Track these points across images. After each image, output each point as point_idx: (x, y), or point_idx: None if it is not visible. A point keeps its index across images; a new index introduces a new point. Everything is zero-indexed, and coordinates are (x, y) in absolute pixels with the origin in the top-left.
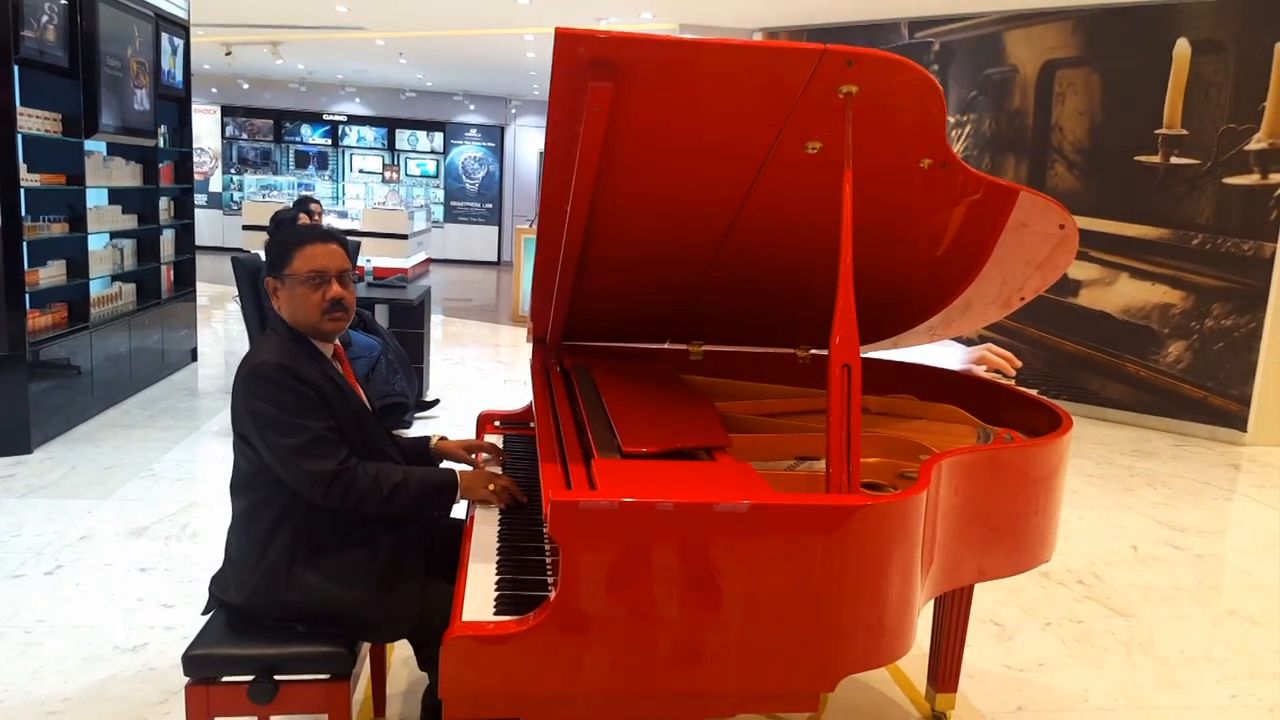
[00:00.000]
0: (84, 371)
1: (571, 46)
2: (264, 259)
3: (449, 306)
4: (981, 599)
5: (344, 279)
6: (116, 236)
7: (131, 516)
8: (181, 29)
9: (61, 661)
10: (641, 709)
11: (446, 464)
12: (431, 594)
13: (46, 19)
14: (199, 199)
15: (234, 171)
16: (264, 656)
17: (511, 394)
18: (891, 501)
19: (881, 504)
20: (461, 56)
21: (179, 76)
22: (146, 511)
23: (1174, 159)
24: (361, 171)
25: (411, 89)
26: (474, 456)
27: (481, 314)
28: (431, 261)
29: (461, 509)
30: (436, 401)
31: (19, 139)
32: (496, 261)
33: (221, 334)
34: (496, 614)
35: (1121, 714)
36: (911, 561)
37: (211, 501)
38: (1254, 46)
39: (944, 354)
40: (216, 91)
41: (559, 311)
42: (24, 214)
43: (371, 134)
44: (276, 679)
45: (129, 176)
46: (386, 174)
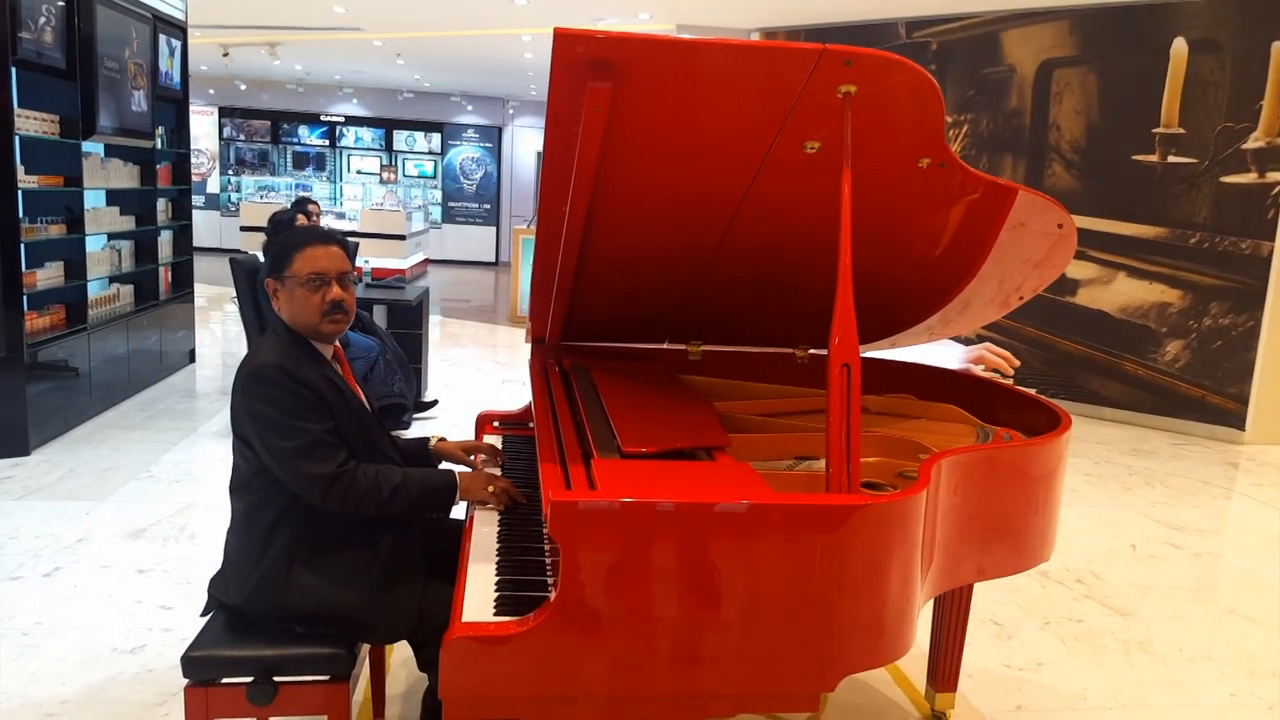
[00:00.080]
0: (82, 373)
1: (571, 46)
2: (262, 260)
3: (447, 307)
4: (981, 598)
5: (344, 281)
6: (114, 238)
7: (130, 518)
8: (179, 30)
9: (59, 663)
10: (642, 709)
11: (445, 465)
12: (431, 595)
13: (44, 20)
14: (197, 200)
15: (232, 173)
16: (263, 658)
17: (510, 394)
18: (891, 501)
19: (881, 503)
20: (459, 57)
21: (176, 78)
22: (145, 513)
23: (1171, 158)
24: (359, 172)
25: (409, 90)
26: (473, 457)
27: (479, 314)
28: (429, 262)
29: (461, 509)
30: (435, 402)
31: (16, 140)
32: (494, 262)
33: (219, 335)
34: (496, 615)
35: (1120, 713)
36: (911, 561)
37: (210, 503)
38: (1251, 46)
39: (942, 353)
40: (214, 93)
41: (558, 312)
42: (21, 215)
43: (369, 135)
44: (276, 680)
45: (127, 178)
46: (384, 175)
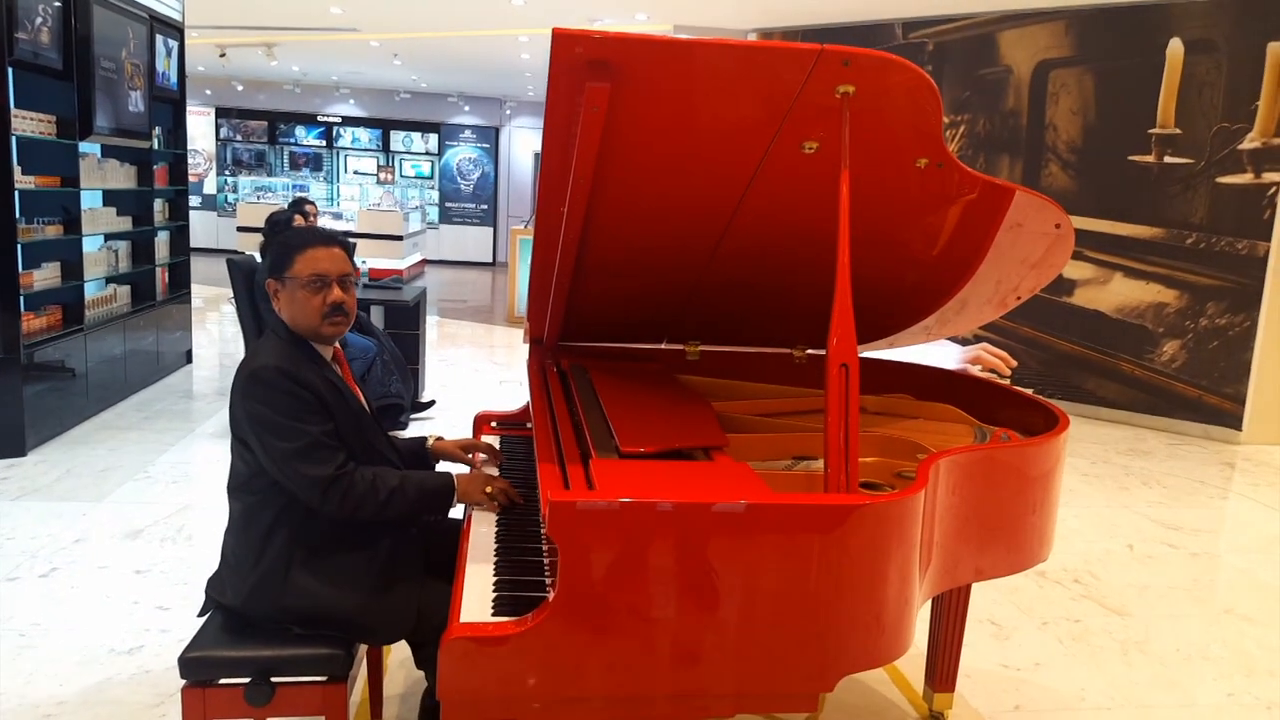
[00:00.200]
0: (79, 374)
1: (569, 47)
2: (259, 261)
3: (444, 308)
4: (979, 599)
5: (345, 283)
6: (111, 238)
7: (127, 519)
8: (176, 31)
9: (57, 664)
10: (640, 710)
11: (443, 464)
12: (429, 593)
13: (41, 21)
14: (194, 201)
15: (229, 173)
16: (260, 659)
17: (507, 395)
18: (889, 501)
19: (879, 503)
20: (456, 58)
21: (173, 78)
22: (142, 514)
23: (1168, 158)
24: (356, 173)
25: (406, 90)
26: (471, 456)
27: (477, 315)
28: (426, 263)
29: (459, 508)
30: (432, 403)
31: (13, 141)
32: (491, 262)
33: (216, 336)
34: (494, 615)
35: (1118, 712)
36: (909, 561)
37: (207, 503)
38: (1247, 46)
39: (940, 354)
40: (211, 93)
41: (556, 312)
42: (18, 216)
43: (366, 135)
44: (273, 681)
45: (123, 178)
46: (381, 175)
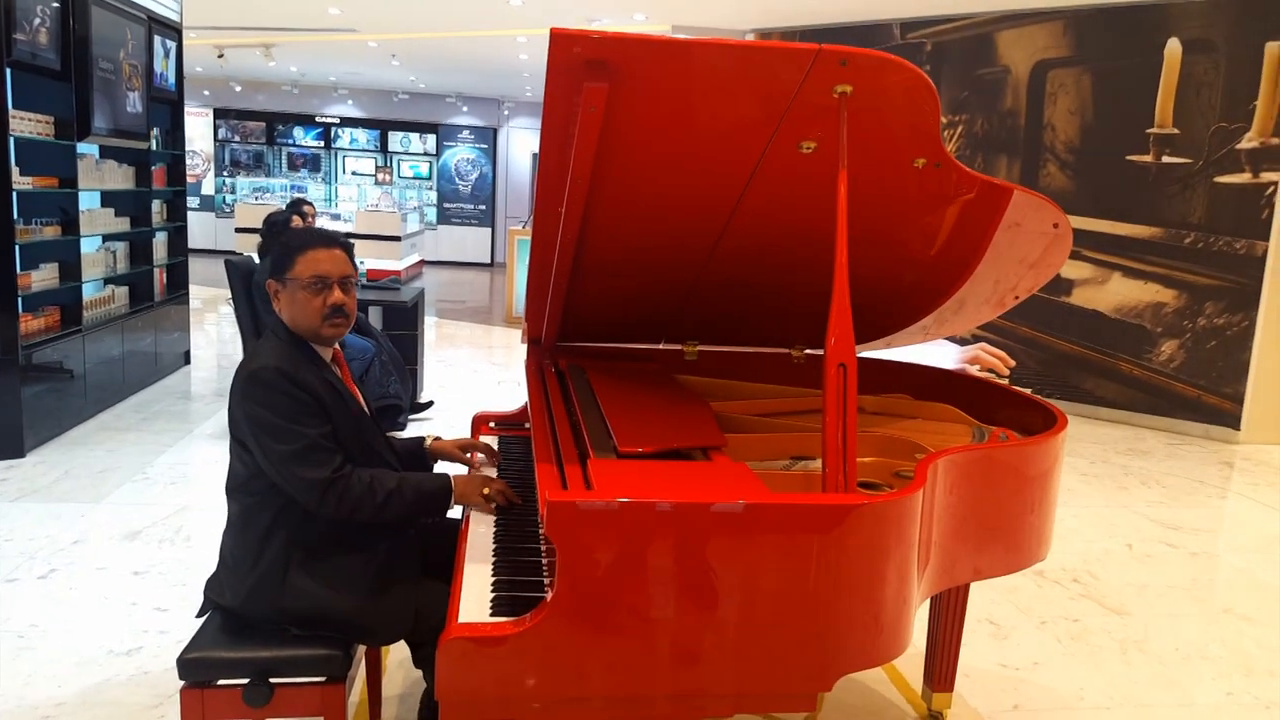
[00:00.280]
0: (77, 375)
1: (567, 47)
2: (257, 261)
3: (442, 308)
4: (977, 598)
5: (346, 285)
6: (109, 239)
7: (125, 520)
8: (174, 31)
9: (55, 666)
10: (639, 710)
11: (441, 464)
12: (427, 594)
13: (39, 21)
14: (192, 202)
15: (227, 174)
16: (259, 659)
17: (506, 395)
18: (887, 501)
19: (877, 503)
20: (454, 58)
21: (171, 79)
22: (140, 515)
23: (1166, 158)
24: (354, 173)
25: (404, 91)
26: (469, 456)
27: (475, 315)
28: (425, 263)
29: (458, 509)
30: (431, 403)
31: (11, 142)
32: (490, 263)
33: (214, 337)
34: (493, 615)
35: (1117, 712)
36: (908, 560)
37: (205, 505)
38: (1244, 46)
39: (938, 354)
40: (209, 94)
41: (554, 313)
42: (16, 217)
43: (364, 136)
44: (272, 682)
45: (121, 179)
46: (379, 176)
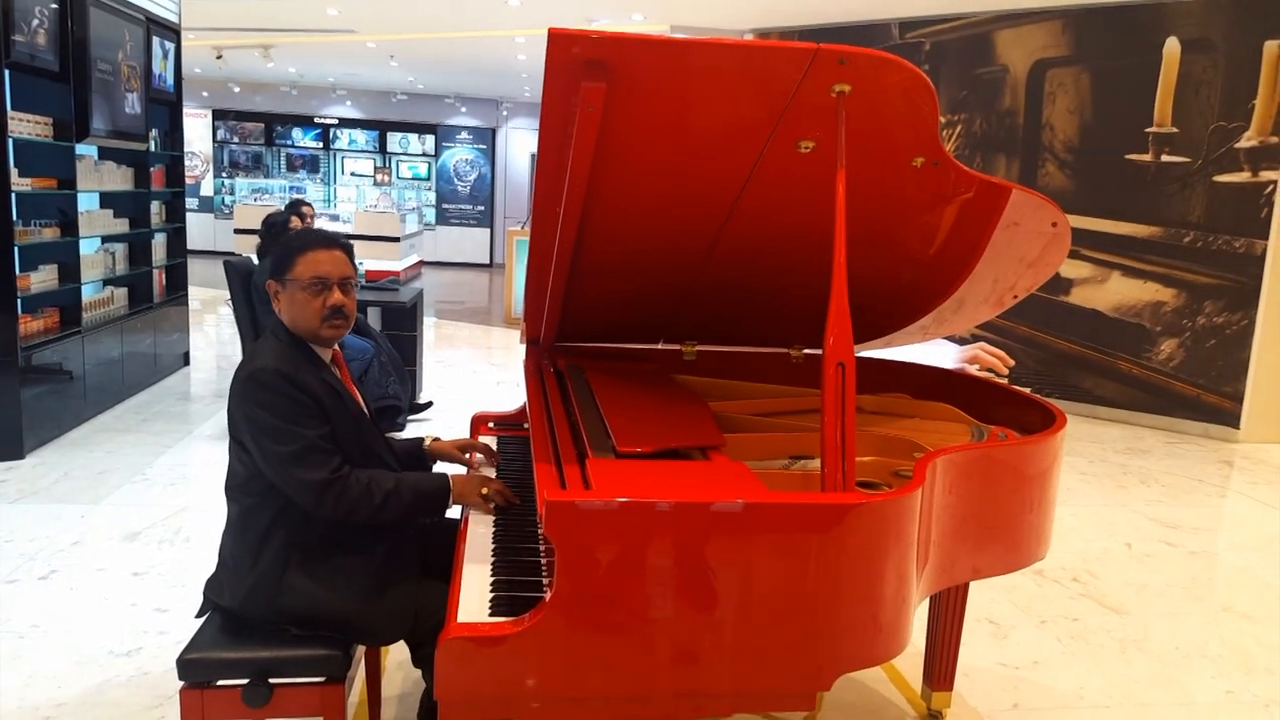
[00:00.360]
0: (76, 376)
1: (565, 47)
2: (255, 262)
3: (441, 309)
4: (976, 597)
5: (346, 286)
6: (108, 241)
7: (125, 521)
8: (172, 33)
9: (55, 666)
10: (637, 709)
11: (441, 465)
12: (426, 594)
13: (37, 23)
14: (190, 203)
15: (225, 175)
16: (258, 660)
17: (504, 396)
18: (886, 500)
19: (876, 502)
20: (452, 59)
21: (170, 80)
22: (140, 516)
23: (1165, 157)
24: (353, 174)
25: (402, 92)
26: (468, 457)
27: (474, 316)
28: (423, 264)
29: (457, 509)
30: (430, 404)
31: (10, 143)
32: (489, 264)
33: (214, 338)
34: (492, 615)
35: (1116, 711)
36: (906, 560)
37: (205, 505)
38: (1243, 45)
39: (937, 353)
40: (208, 95)
41: (552, 313)
42: (15, 218)
43: (363, 137)
44: (271, 682)
45: (120, 180)
46: (378, 177)
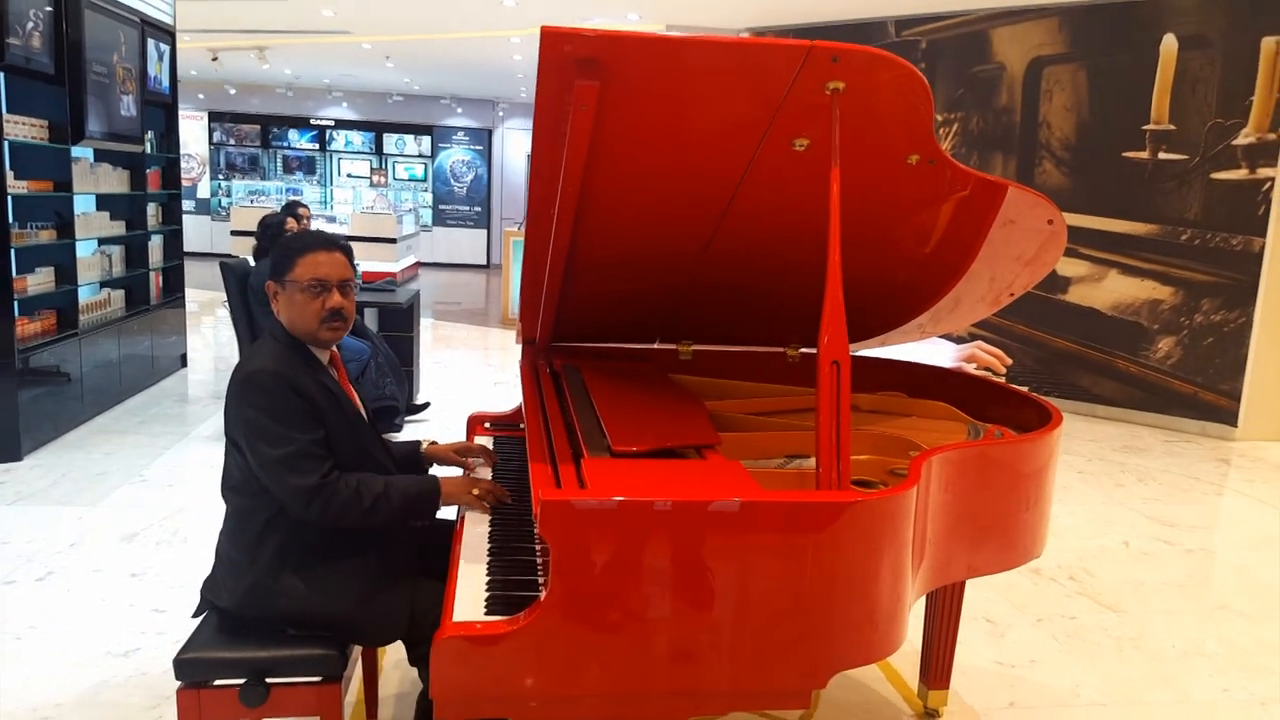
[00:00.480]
0: (73, 378)
1: (558, 45)
2: (252, 263)
3: (438, 310)
4: (973, 596)
5: (345, 289)
6: (105, 243)
7: (122, 522)
8: (167, 35)
9: (53, 667)
10: (633, 708)
11: (438, 468)
12: (422, 593)
13: (32, 25)
14: (187, 205)
15: (222, 177)
16: (255, 660)
17: (501, 396)
18: (882, 498)
19: (872, 500)
20: (448, 59)
21: (165, 82)
22: (137, 517)
23: (1162, 155)
24: (349, 176)
25: (398, 93)
26: (466, 459)
27: (471, 317)
28: (420, 265)
29: (452, 509)
30: (427, 405)
31: (6, 146)
32: (485, 265)
33: (211, 339)
34: (487, 614)
35: (1113, 709)
36: (902, 558)
37: (202, 506)
38: (1240, 41)
39: (934, 352)
40: (203, 97)
41: (548, 312)
42: (11, 221)
43: (359, 138)
44: (268, 682)
45: (116, 183)
46: (374, 178)
